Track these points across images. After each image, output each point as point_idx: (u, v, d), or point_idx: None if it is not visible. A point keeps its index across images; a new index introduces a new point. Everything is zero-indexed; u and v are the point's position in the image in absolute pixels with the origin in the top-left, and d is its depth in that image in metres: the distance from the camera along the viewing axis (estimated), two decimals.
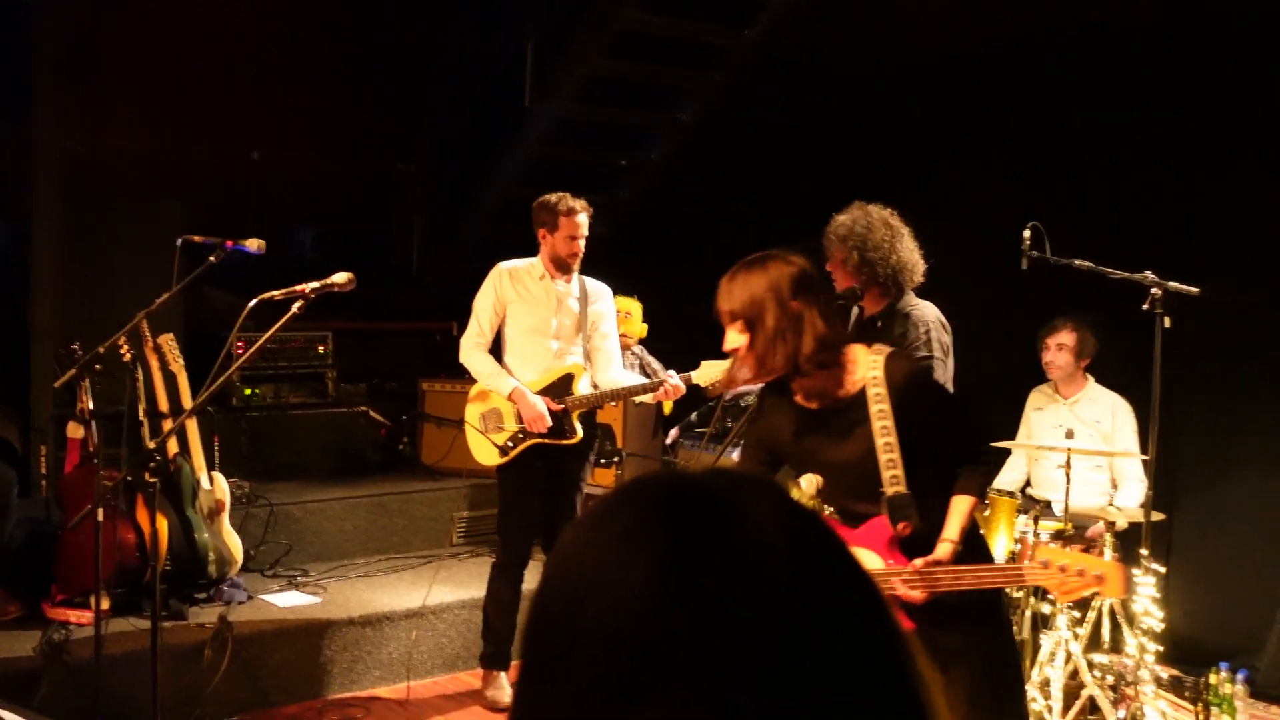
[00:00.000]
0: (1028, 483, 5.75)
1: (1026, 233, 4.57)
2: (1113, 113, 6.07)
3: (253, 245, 4.56)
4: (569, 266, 5.15)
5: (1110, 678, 4.75)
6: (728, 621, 0.75)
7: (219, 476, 5.53)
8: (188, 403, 5.28)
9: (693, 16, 7.19)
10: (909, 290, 4.22)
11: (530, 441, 5.07)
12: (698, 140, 7.79)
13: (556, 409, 5.03)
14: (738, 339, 3.03)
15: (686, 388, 4.98)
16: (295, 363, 7.09)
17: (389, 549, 6.45)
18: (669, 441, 6.78)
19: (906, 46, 7.07)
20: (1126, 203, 6.01)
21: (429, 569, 5.98)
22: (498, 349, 5.25)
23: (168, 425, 5.18)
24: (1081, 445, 4.95)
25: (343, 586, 5.83)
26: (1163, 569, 4.87)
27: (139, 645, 4.65)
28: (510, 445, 5.10)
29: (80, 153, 7.48)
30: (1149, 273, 4.44)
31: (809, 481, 3.06)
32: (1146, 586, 4.71)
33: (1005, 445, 5.32)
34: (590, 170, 8.07)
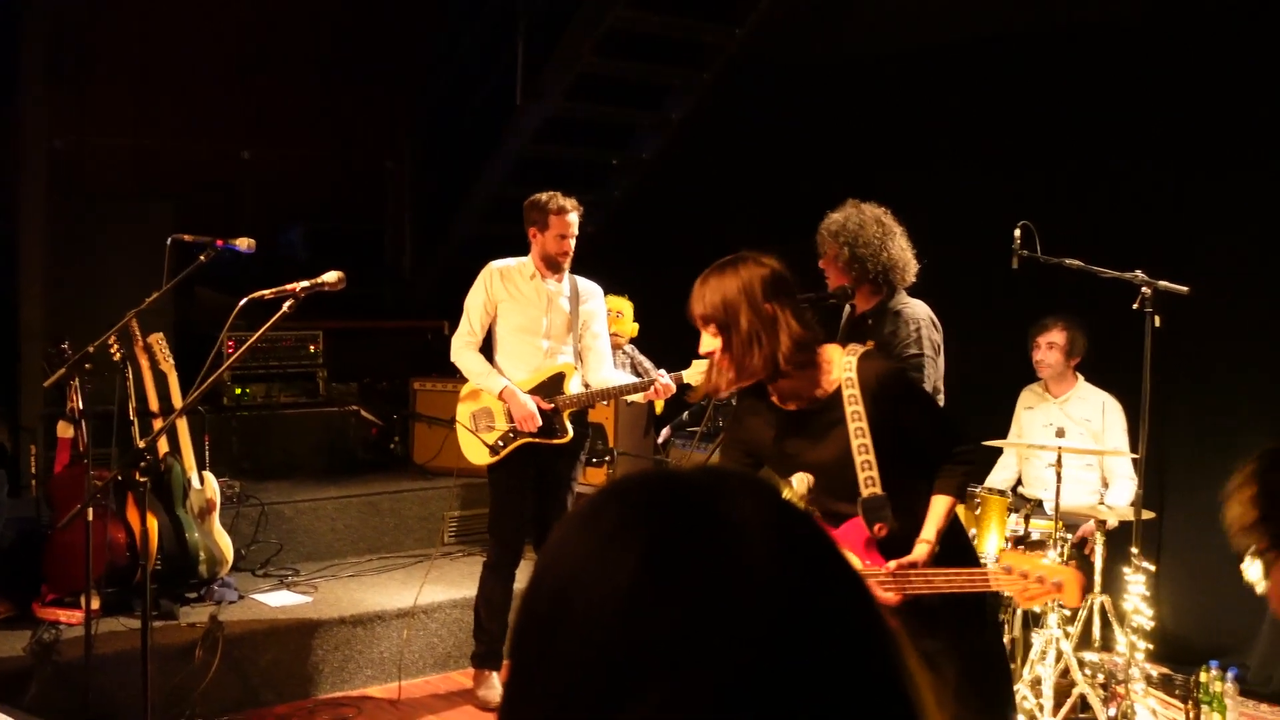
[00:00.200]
0: (1019, 481, 5.76)
1: (1017, 232, 4.58)
2: (1104, 112, 6.09)
3: (243, 244, 4.55)
4: (559, 265, 5.14)
5: (1101, 676, 4.76)
6: (714, 620, 0.75)
7: (209, 476, 5.52)
8: (178, 402, 5.27)
9: (683, 14, 7.18)
10: (901, 289, 4.23)
11: (521, 441, 5.07)
12: (688, 139, 7.78)
13: (547, 408, 5.03)
14: (712, 342, 3.02)
15: (677, 387, 4.98)
16: (286, 362, 7.07)
17: (380, 548, 6.44)
18: (660, 441, 6.78)
19: (897, 45, 7.08)
20: (1117, 202, 6.02)
21: (420, 568, 5.97)
22: (489, 348, 5.25)
23: (158, 425, 5.17)
24: (1072, 444, 4.96)
25: (334, 586, 5.83)
26: (1153, 567, 4.88)
27: (129, 645, 4.63)
28: (501, 444, 5.10)
29: (68, 151, 7.46)
30: (1139, 272, 4.46)
31: (800, 480, 3.06)
32: (1137, 585, 4.72)
33: (996, 444, 5.33)
34: (581, 168, 8.07)
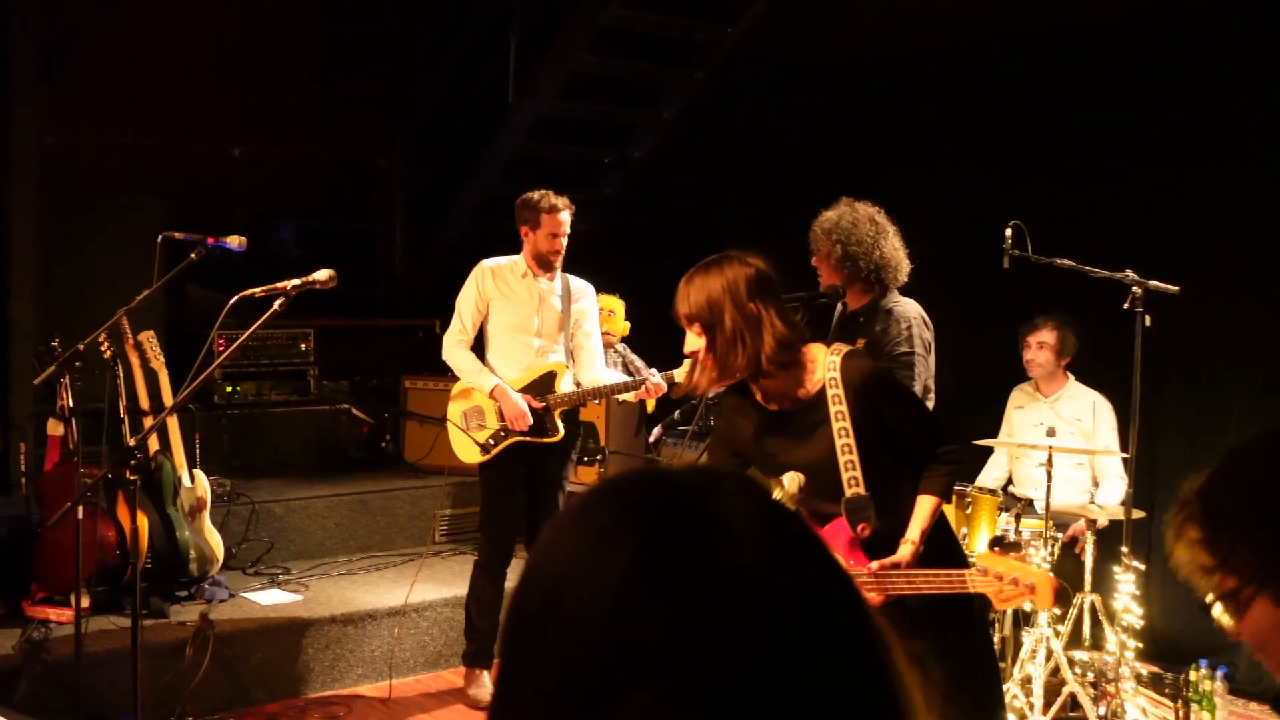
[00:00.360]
0: (1009, 481, 5.77)
1: (1008, 231, 4.59)
2: (1095, 111, 6.10)
3: (234, 242, 4.54)
4: (551, 264, 5.14)
5: (1091, 675, 4.77)
6: (706, 619, 0.75)
7: (200, 474, 5.51)
8: (169, 400, 5.25)
9: (676, 13, 7.18)
10: (893, 288, 4.24)
11: (512, 439, 5.06)
12: (681, 137, 7.78)
13: (538, 407, 5.03)
14: (696, 341, 3.02)
15: (669, 386, 4.98)
16: (277, 360, 7.06)
17: (371, 547, 6.43)
18: (652, 439, 6.78)
19: (889, 45, 7.09)
20: (1108, 202, 6.03)
21: (411, 567, 5.97)
22: (480, 346, 5.24)
23: (148, 423, 5.16)
24: (1063, 443, 4.97)
25: (325, 584, 5.82)
26: (1143, 566, 4.89)
27: (119, 643, 4.62)
28: (492, 443, 5.09)
29: (59, 148, 7.44)
30: (1130, 271, 4.46)
31: (791, 479, 3.06)
32: (1127, 584, 4.74)
33: (987, 443, 5.34)
34: (574, 167, 8.07)
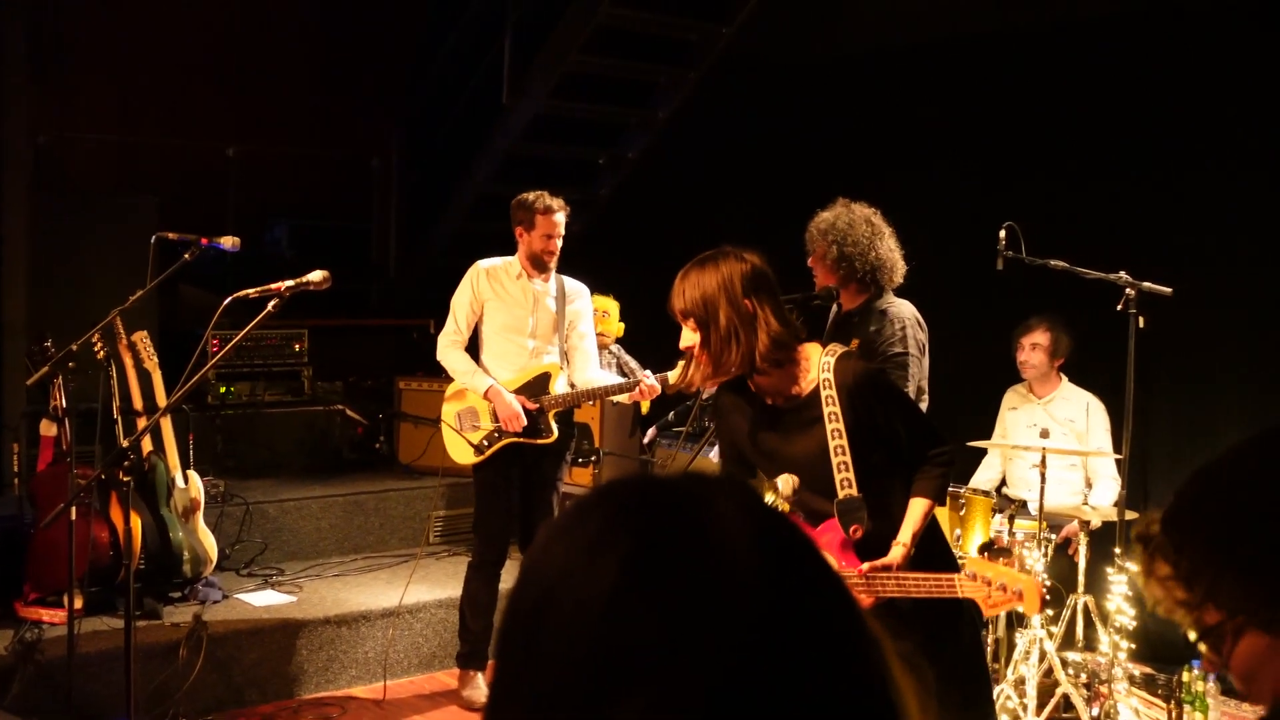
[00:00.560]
0: (1003, 482, 5.78)
1: (1002, 233, 4.60)
2: (1089, 113, 6.11)
3: (227, 243, 4.54)
4: (546, 265, 5.14)
5: (1084, 676, 4.78)
6: (698, 624, 0.75)
7: (194, 475, 5.50)
8: (162, 401, 5.25)
9: (670, 12, 7.19)
10: (888, 290, 4.25)
11: (506, 440, 5.06)
12: (676, 137, 7.79)
13: (532, 408, 5.03)
14: (691, 337, 3.02)
15: (663, 387, 4.98)
16: (271, 360, 7.05)
17: (365, 548, 6.43)
18: (646, 441, 6.79)
19: (881, 44, 7.10)
20: (1101, 203, 6.04)
21: (405, 568, 5.96)
22: (475, 347, 5.24)
23: (142, 423, 5.15)
24: (1056, 445, 4.98)
25: (318, 585, 5.81)
26: (1136, 567, 4.89)
27: (112, 644, 4.62)
28: (486, 444, 5.09)
29: (51, 147, 7.42)
30: (1123, 273, 4.47)
31: (785, 482, 3.06)
32: (1120, 585, 4.75)
33: (980, 445, 5.35)
34: (568, 167, 8.07)
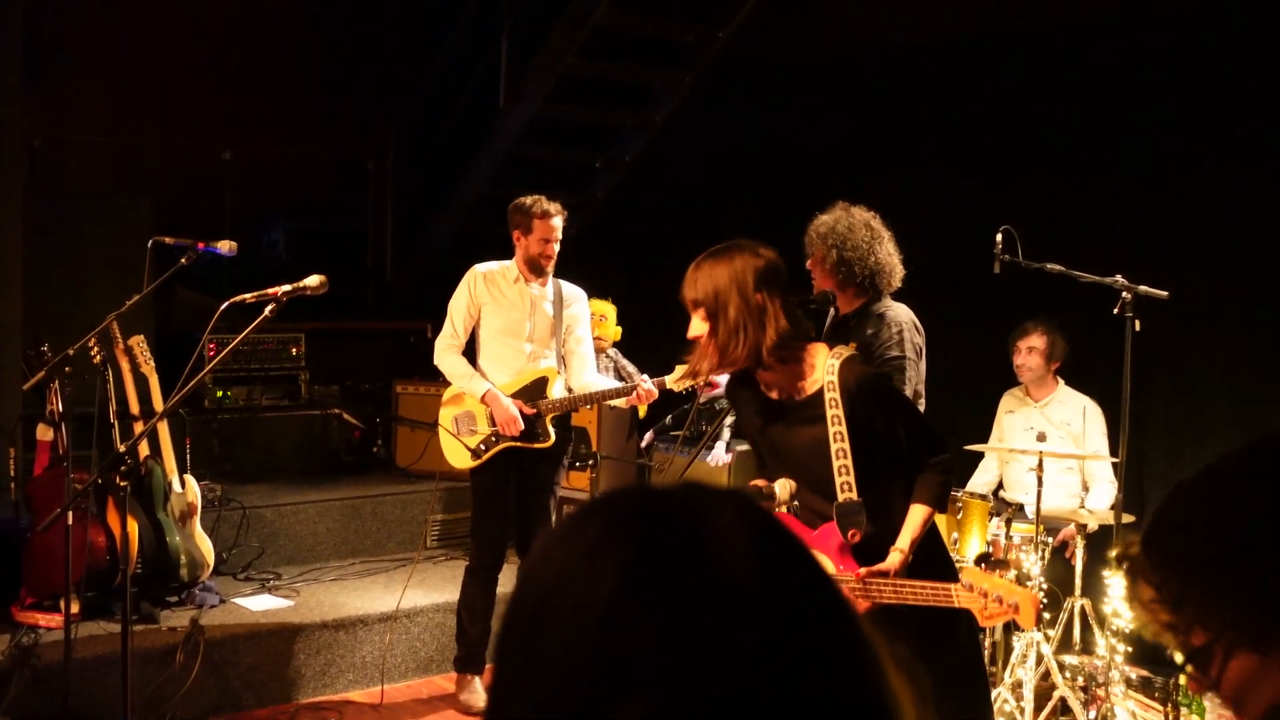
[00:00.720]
0: (1000, 486, 5.78)
1: (999, 236, 4.60)
2: (1085, 115, 6.12)
3: (224, 247, 4.54)
4: (543, 269, 5.14)
5: (1081, 679, 4.79)
6: (696, 630, 0.76)
7: (190, 479, 5.49)
8: (159, 405, 5.24)
9: (667, 15, 7.21)
10: (886, 294, 4.25)
11: (503, 445, 5.06)
12: (672, 140, 7.79)
13: (529, 413, 5.03)
14: (700, 327, 3.03)
15: (660, 392, 4.98)
16: (268, 364, 7.05)
17: (362, 552, 6.42)
18: (644, 444, 6.78)
19: (876, 48, 7.10)
20: (1098, 206, 6.05)
21: (402, 572, 5.96)
22: (472, 351, 5.24)
23: (139, 428, 5.15)
24: (1053, 448, 4.98)
25: (316, 590, 5.81)
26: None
27: (109, 649, 4.61)
28: (483, 448, 5.09)
29: (47, 149, 7.42)
30: (1119, 276, 4.48)
31: (783, 487, 3.07)
32: (1117, 588, 4.75)
33: (977, 448, 5.35)
34: (564, 169, 8.07)
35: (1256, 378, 5.51)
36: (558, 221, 5.09)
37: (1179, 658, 1.25)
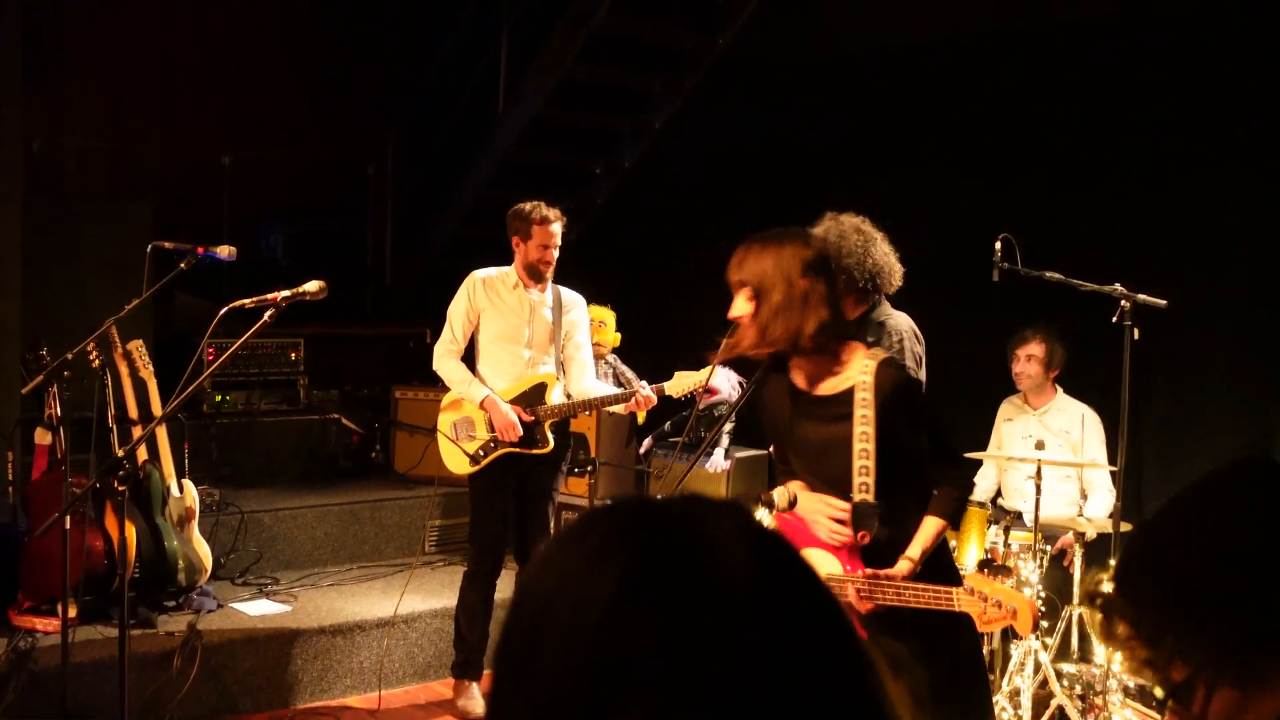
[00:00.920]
0: (998, 493, 5.79)
1: (997, 244, 4.61)
2: (1085, 116, 6.12)
3: (223, 252, 4.54)
4: (541, 275, 5.15)
5: (1079, 687, 4.79)
6: (692, 638, 0.77)
7: (189, 484, 5.49)
8: (158, 409, 5.24)
9: (665, 21, 7.22)
10: (885, 298, 4.25)
11: (502, 450, 5.06)
12: (672, 142, 7.79)
13: (527, 419, 5.03)
14: (744, 306, 3.06)
15: (658, 398, 4.98)
16: (267, 369, 7.05)
17: (360, 557, 6.42)
18: (642, 451, 6.78)
19: (876, 49, 7.10)
20: (1096, 214, 6.05)
21: (400, 577, 5.95)
22: (471, 357, 5.24)
23: (137, 432, 5.14)
24: (1051, 456, 4.98)
25: (313, 595, 5.80)
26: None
27: (107, 653, 4.61)
28: (482, 454, 5.09)
29: (46, 152, 7.42)
30: (1118, 285, 4.48)
31: (781, 494, 3.07)
32: None
33: (976, 456, 5.35)
34: (563, 174, 8.08)
35: (1255, 386, 5.51)
36: (557, 228, 5.10)
37: (1159, 693, 1.23)
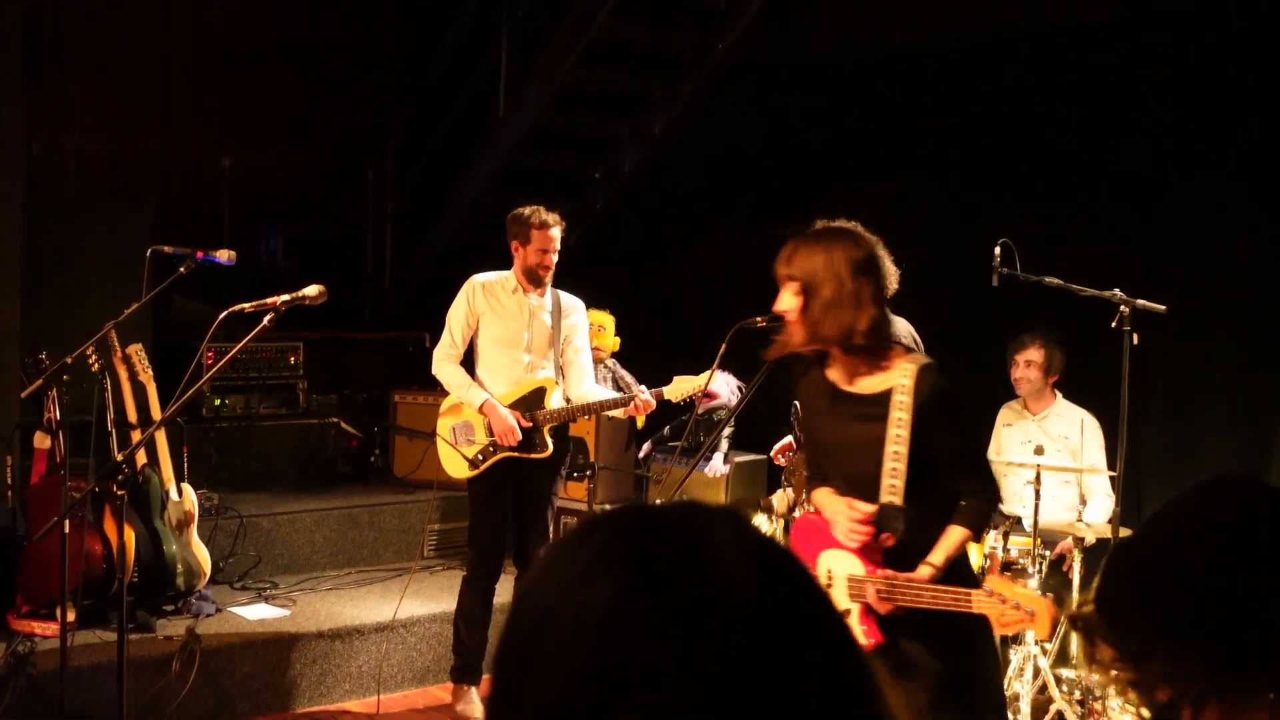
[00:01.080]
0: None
1: (997, 249, 4.61)
2: (1083, 128, 6.12)
3: (223, 256, 4.54)
4: (540, 279, 5.15)
5: (1078, 692, 4.78)
6: (690, 642, 0.77)
7: (188, 488, 5.49)
8: (157, 413, 5.24)
9: (665, 26, 7.23)
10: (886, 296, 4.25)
11: (501, 455, 5.06)
12: (672, 146, 7.80)
13: (526, 425, 5.03)
14: (790, 301, 3.07)
15: (657, 403, 4.98)
16: (266, 373, 7.05)
17: (359, 561, 6.42)
18: (641, 455, 6.78)
19: (876, 50, 7.10)
20: (1096, 219, 6.05)
21: (399, 582, 5.95)
22: (470, 361, 5.25)
23: (136, 436, 5.15)
24: (1050, 461, 4.98)
25: (312, 599, 5.80)
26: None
27: (105, 657, 4.61)
28: (481, 458, 5.09)
29: (46, 155, 7.42)
30: (1117, 290, 4.49)
31: (780, 499, 3.07)
32: None
33: None
34: (563, 178, 8.09)
35: (1254, 391, 5.51)
36: (555, 232, 5.10)
37: (1145, 713, 1.23)
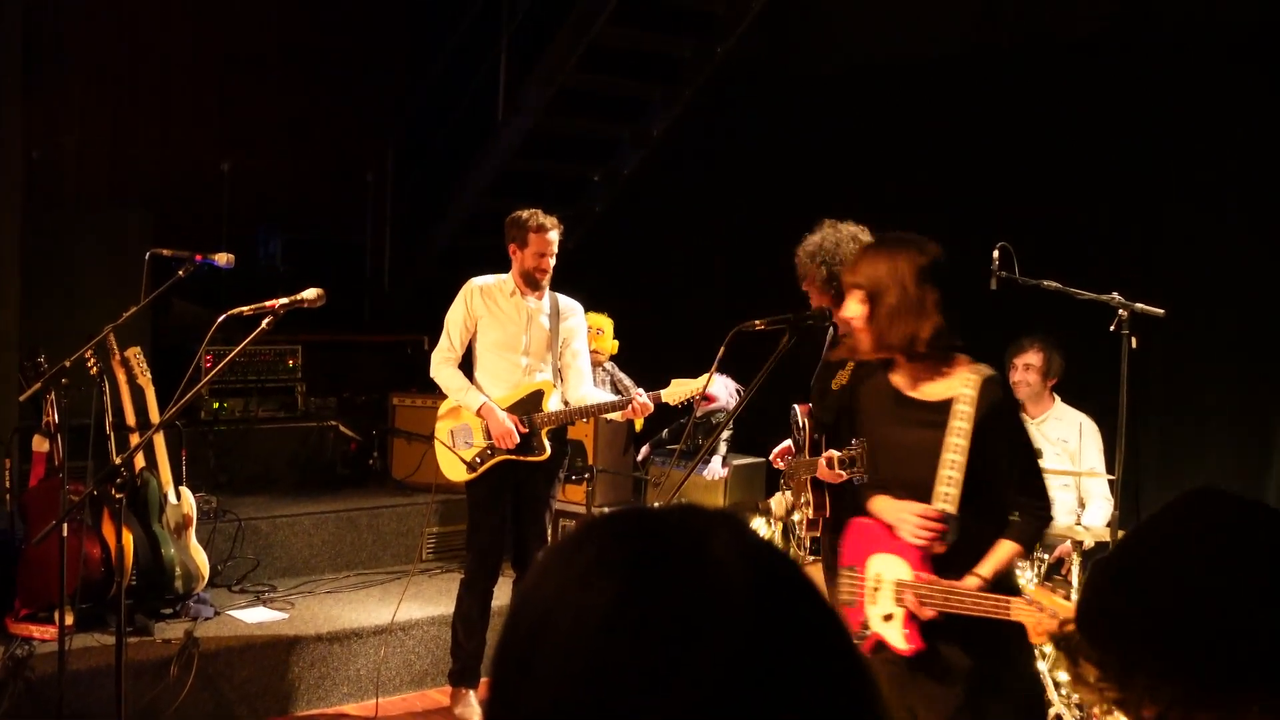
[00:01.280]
0: None
1: (995, 253, 4.61)
2: (1081, 132, 6.12)
3: (221, 260, 4.54)
4: (538, 283, 5.15)
5: (1076, 696, 4.78)
6: (689, 646, 0.77)
7: (186, 491, 5.48)
8: (155, 417, 5.24)
9: (665, 31, 7.23)
10: None
11: (499, 458, 5.06)
12: (671, 151, 7.80)
13: (523, 430, 5.03)
14: (856, 309, 3.11)
15: (655, 406, 4.98)
16: (264, 376, 7.04)
17: (357, 564, 6.41)
18: (640, 458, 6.78)
19: (872, 65, 7.11)
20: (1094, 223, 6.06)
21: (398, 585, 5.95)
22: (469, 364, 5.25)
23: (135, 439, 5.14)
24: (1049, 465, 4.97)
25: (310, 602, 5.80)
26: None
27: (103, 661, 4.61)
28: (479, 461, 5.09)
29: (45, 159, 7.42)
30: (1116, 294, 4.49)
31: (778, 502, 3.07)
32: None
33: None
34: (562, 182, 8.09)
35: (1253, 394, 5.51)
36: (553, 235, 5.10)
37: None
